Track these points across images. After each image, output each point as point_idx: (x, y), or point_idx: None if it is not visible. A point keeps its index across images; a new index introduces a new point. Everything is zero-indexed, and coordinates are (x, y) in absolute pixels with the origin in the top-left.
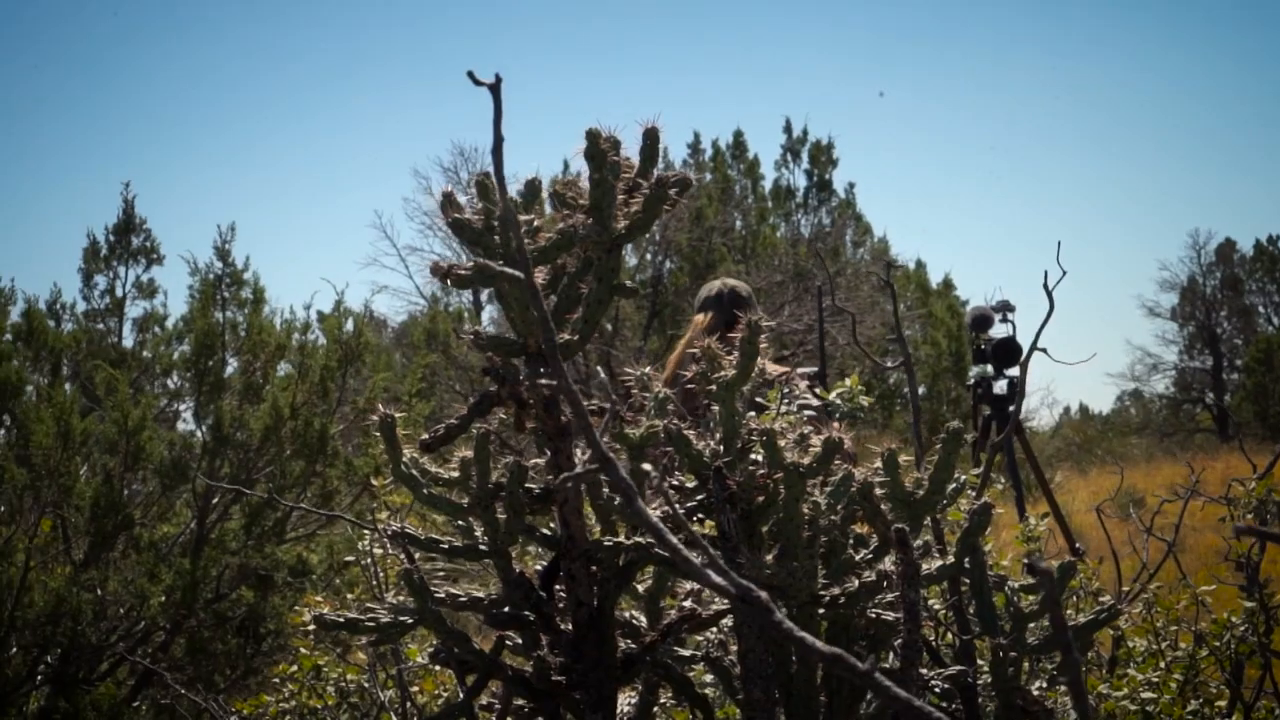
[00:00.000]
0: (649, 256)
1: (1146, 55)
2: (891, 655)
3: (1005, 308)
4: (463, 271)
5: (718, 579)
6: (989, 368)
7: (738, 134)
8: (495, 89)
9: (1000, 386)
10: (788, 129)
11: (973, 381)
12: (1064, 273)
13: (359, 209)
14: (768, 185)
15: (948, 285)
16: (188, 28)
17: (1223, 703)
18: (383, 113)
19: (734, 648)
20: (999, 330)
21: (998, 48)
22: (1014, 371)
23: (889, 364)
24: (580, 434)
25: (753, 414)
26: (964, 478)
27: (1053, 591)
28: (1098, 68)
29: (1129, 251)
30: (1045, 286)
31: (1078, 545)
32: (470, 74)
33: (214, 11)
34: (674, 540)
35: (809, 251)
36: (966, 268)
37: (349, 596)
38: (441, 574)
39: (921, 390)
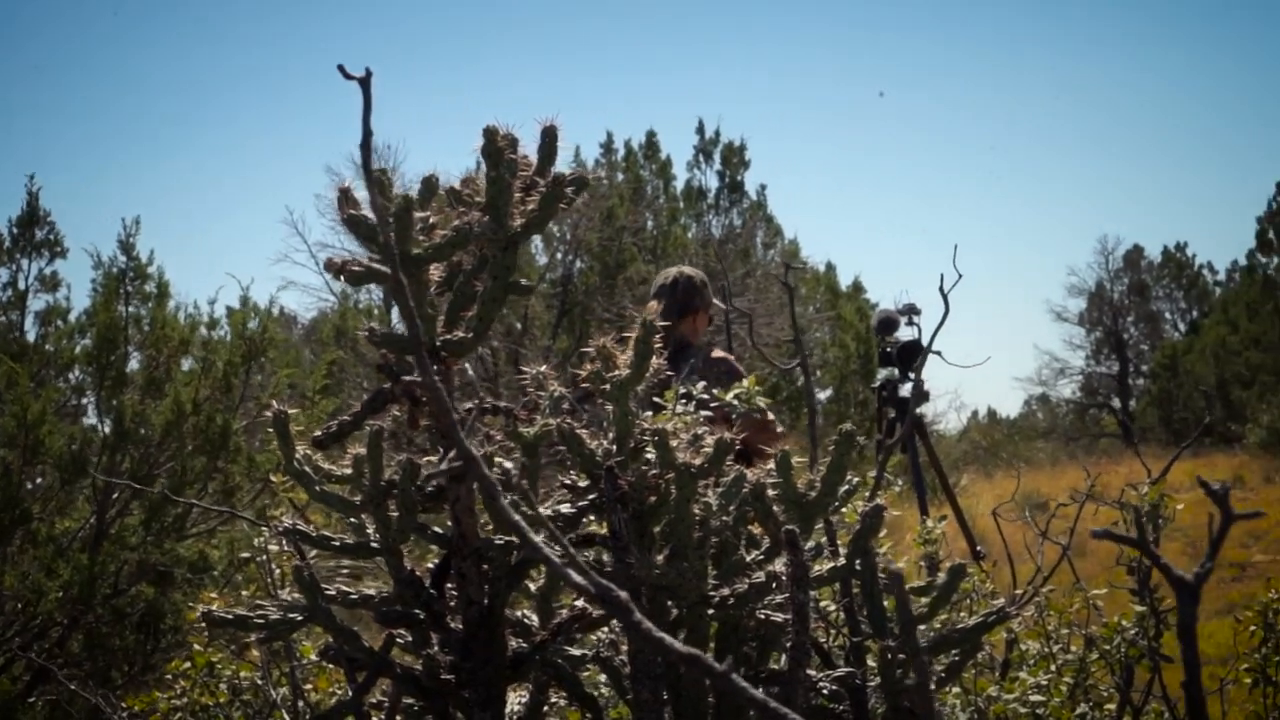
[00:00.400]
0: (559, 256)
1: (1055, 62)
2: (782, 656)
3: (911, 311)
4: (356, 268)
5: (577, 577)
6: (894, 371)
7: (650, 134)
8: (365, 83)
9: (906, 389)
10: (700, 130)
11: (878, 384)
12: (960, 276)
13: (271, 205)
14: (679, 186)
15: (857, 288)
16: (95, 18)
17: (1112, 706)
18: (297, 108)
19: (625, 648)
20: (905, 333)
21: (906, 52)
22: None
23: (786, 365)
24: (452, 432)
25: (649, 413)
26: (856, 480)
27: (902, 594)
28: (1009, 74)
29: (1038, 257)
30: (941, 290)
31: (979, 548)
32: (340, 68)
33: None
34: (534, 538)
35: (718, 254)
36: (876, 271)
37: (244, 593)
38: (346, 572)
39: (829, 393)
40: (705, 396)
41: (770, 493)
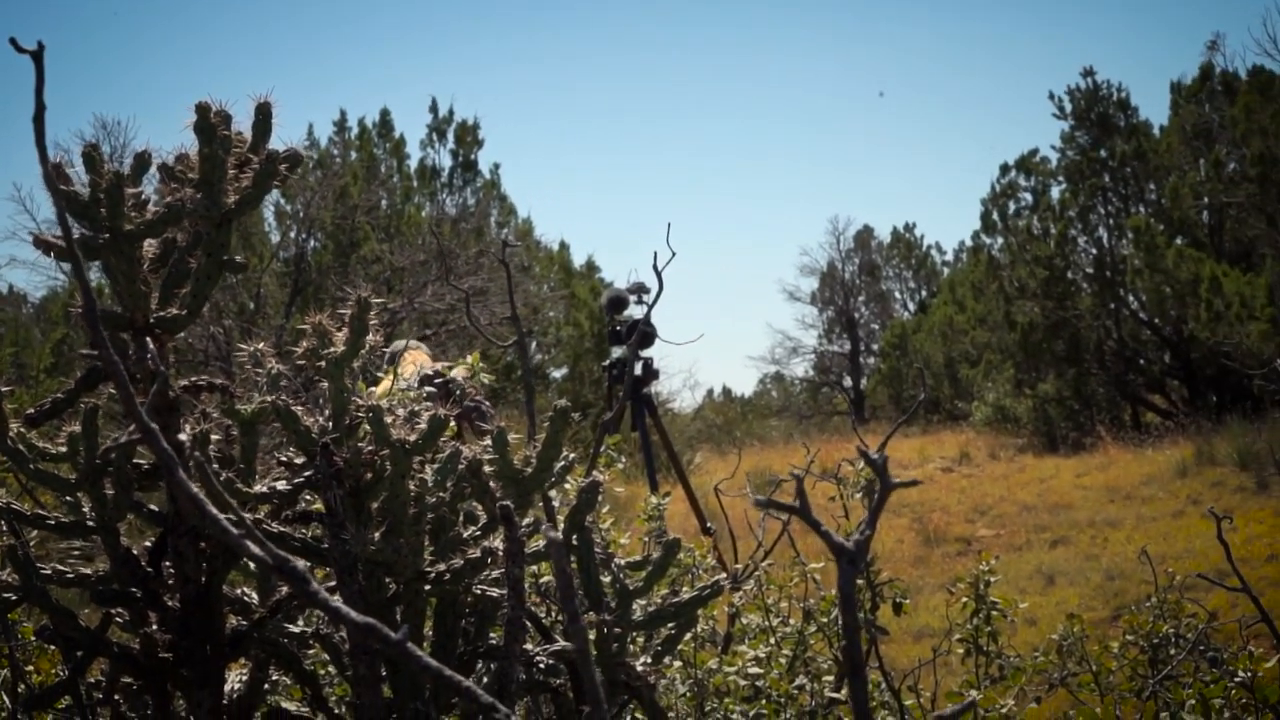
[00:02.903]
0: (292, 234)
1: (791, 44)
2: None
3: (640, 290)
4: (61, 244)
5: (254, 549)
6: (624, 349)
7: (384, 112)
8: (38, 57)
9: (636, 368)
10: (434, 109)
11: (608, 363)
12: (673, 254)
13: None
14: (413, 164)
15: (591, 267)
16: None
17: (831, 677)
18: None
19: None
20: (635, 312)
21: (643, 33)
22: (649, 353)
23: (503, 344)
24: (129, 405)
25: (374, 389)
26: (572, 456)
27: (562, 562)
28: (743, 55)
29: (773, 237)
30: (655, 268)
31: (709, 525)
32: (13, 41)
33: None
34: (212, 510)
35: (451, 231)
36: (610, 250)
37: None
38: (78, 554)
39: (564, 371)
40: (430, 372)
41: (487, 469)
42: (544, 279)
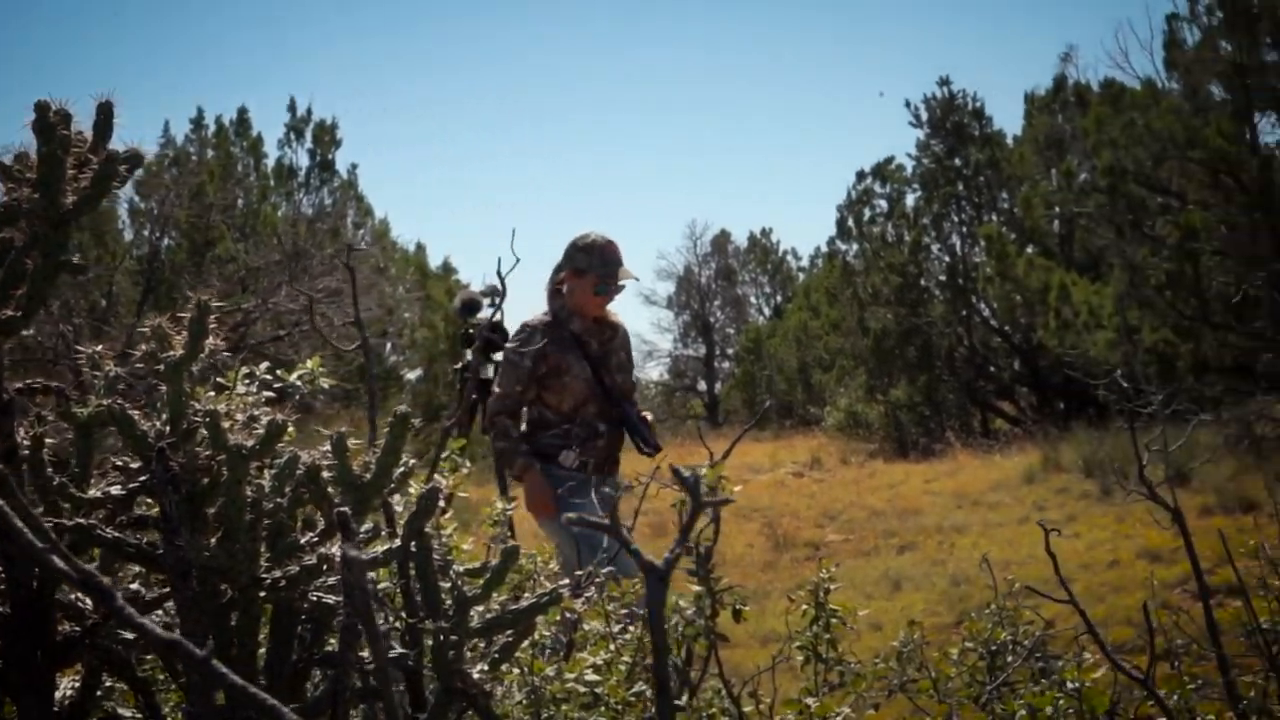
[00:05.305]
0: (145, 232)
1: (647, 48)
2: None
3: (494, 293)
4: None
5: (58, 563)
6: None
7: (242, 111)
8: None
9: (487, 371)
10: (292, 108)
11: (460, 365)
12: (517, 260)
13: None
14: (270, 163)
15: (447, 269)
16: None
17: (671, 684)
18: None
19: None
20: (488, 315)
21: (502, 37)
22: (500, 356)
23: (346, 349)
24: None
25: (213, 394)
26: (412, 462)
27: (360, 580)
28: (601, 61)
29: (630, 241)
30: (499, 273)
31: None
32: None
33: None
34: (16, 523)
35: (307, 231)
36: (467, 252)
37: None
38: None
39: (419, 373)
40: (269, 377)
41: (325, 474)
42: (400, 280)
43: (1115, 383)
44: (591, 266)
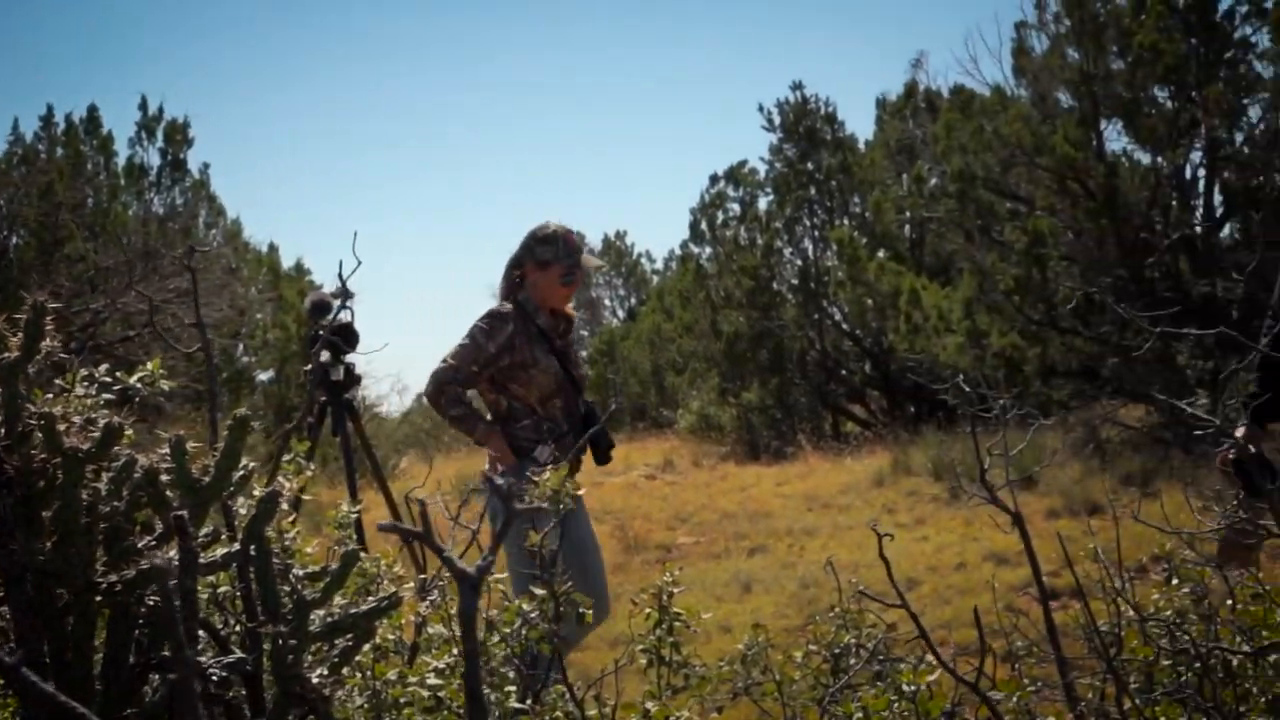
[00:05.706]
0: None
1: (499, 49)
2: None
3: (344, 295)
4: None
5: None
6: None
7: (92, 108)
8: None
9: (337, 373)
10: (144, 106)
11: (310, 367)
12: (359, 262)
13: None
14: (121, 162)
15: (300, 270)
16: None
17: (513, 687)
18: None
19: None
20: (341, 316)
21: (352, 35)
22: (351, 358)
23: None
24: None
25: (50, 395)
26: (252, 465)
27: (169, 591)
28: (463, 61)
29: (483, 241)
30: (340, 276)
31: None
32: None
33: None
34: None
35: (159, 230)
36: (321, 253)
37: None
38: None
39: (270, 374)
40: (108, 379)
41: (164, 477)
42: (252, 281)
43: (958, 386)
44: (557, 257)
